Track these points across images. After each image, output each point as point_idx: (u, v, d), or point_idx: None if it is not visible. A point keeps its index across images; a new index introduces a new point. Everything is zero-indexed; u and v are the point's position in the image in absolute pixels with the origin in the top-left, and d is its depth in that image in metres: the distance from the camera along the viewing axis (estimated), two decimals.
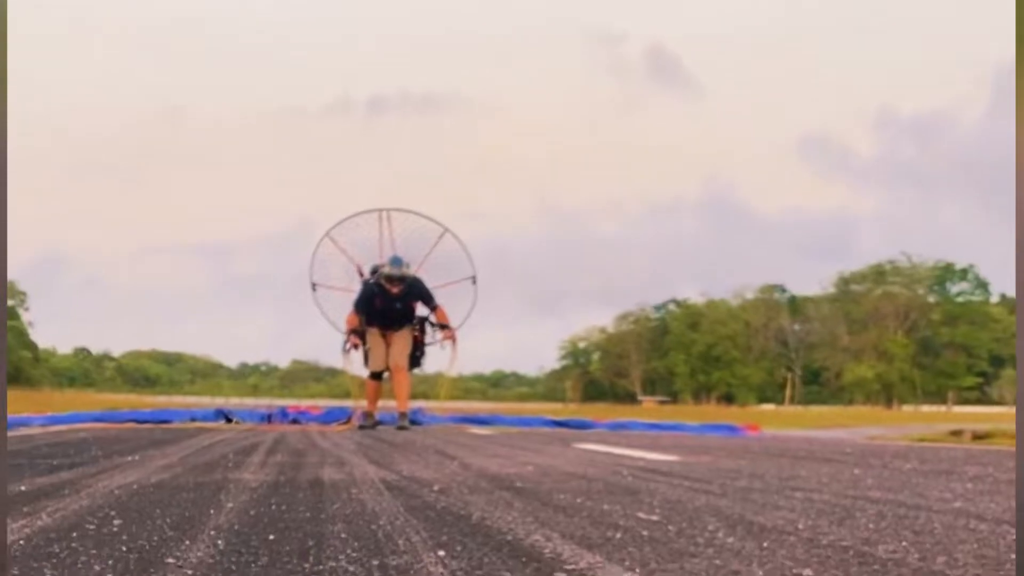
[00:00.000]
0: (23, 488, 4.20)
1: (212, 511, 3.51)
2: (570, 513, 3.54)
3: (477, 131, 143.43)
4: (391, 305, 14.12)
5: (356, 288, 14.78)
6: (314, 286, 15.78)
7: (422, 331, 14.49)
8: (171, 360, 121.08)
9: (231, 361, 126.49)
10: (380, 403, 14.81)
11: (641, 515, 3.50)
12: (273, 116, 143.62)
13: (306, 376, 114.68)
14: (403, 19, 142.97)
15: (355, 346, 14.18)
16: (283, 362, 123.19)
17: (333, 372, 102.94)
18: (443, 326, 14.46)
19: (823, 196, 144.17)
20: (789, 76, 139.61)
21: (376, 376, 14.43)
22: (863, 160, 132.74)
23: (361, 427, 13.51)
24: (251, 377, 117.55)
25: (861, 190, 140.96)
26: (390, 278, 13.98)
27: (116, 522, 3.20)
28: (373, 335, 14.23)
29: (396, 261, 14.22)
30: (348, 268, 15.38)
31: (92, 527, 3.08)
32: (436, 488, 4.44)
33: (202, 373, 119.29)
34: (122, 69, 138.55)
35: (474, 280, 15.60)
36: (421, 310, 14.47)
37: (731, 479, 5.09)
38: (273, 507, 3.64)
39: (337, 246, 15.62)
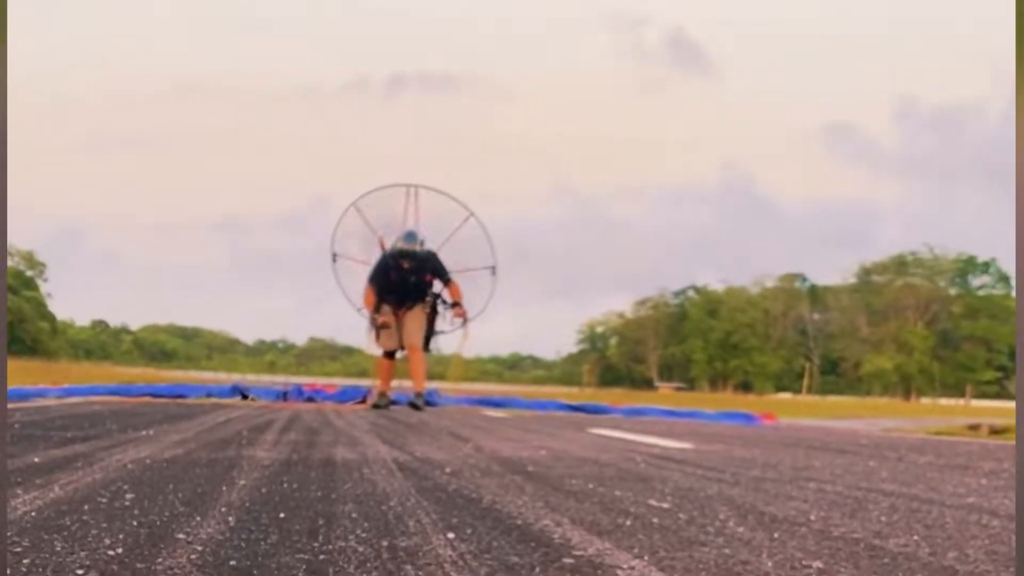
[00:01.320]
0: (36, 460, 4.22)
1: (224, 488, 3.52)
2: (581, 499, 3.54)
3: (495, 113, 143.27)
4: (405, 279, 13.99)
5: (375, 261, 14.68)
6: (335, 256, 15.72)
7: (434, 310, 14.29)
8: (188, 335, 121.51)
9: (248, 337, 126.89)
10: (394, 383, 14.78)
11: (652, 502, 3.49)
12: (289, 93, 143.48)
13: (322, 354, 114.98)
14: (423, 1, 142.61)
15: (384, 325, 14.02)
16: (300, 340, 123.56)
17: (349, 351, 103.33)
18: (455, 304, 14.28)
19: (844, 186, 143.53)
20: (811, 65, 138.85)
21: (389, 355, 14.36)
22: (885, 151, 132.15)
23: (375, 407, 13.50)
24: (268, 354, 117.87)
25: (882, 181, 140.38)
26: (403, 253, 13.87)
27: (128, 496, 3.21)
28: (386, 312, 14.13)
29: (411, 236, 14.11)
30: (370, 240, 15.29)
31: (104, 501, 3.09)
32: (448, 470, 4.44)
33: (219, 349, 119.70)
34: (142, 43, 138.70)
35: (494, 271, 15.48)
36: (436, 287, 14.34)
37: (744, 468, 5.08)
38: (285, 485, 3.65)
39: (362, 217, 15.54)
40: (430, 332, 14.37)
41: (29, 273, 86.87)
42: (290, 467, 4.35)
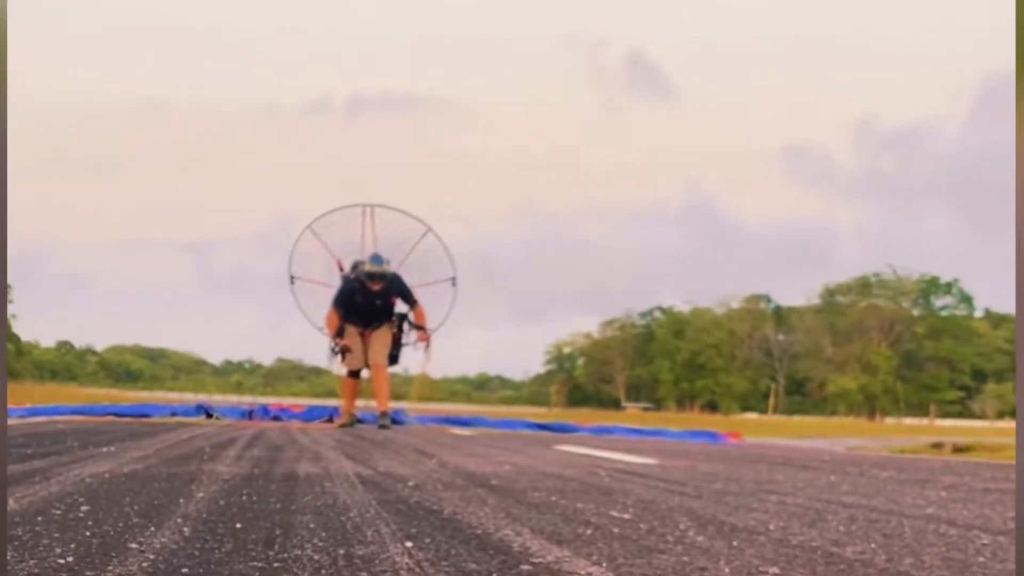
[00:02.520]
0: None
1: (182, 500, 3.49)
2: (543, 510, 3.53)
3: (457, 134, 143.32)
4: (371, 302, 14.04)
5: (335, 283, 14.71)
6: (292, 279, 15.67)
7: (400, 329, 14.37)
8: (154, 355, 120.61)
9: (215, 358, 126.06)
10: (360, 402, 14.75)
11: (614, 513, 3.48)
12: (253, 114, 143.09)
13: (290, 374, 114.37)
14: (383, 21, 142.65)
15: (346, 349, 14.06)
16: (267, 360, 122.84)
17: (317, 371, 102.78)
18: (419, 327, 14.35)
19: (805, 207, 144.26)
20: (771, 86, 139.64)
21: (354, 374, 14.37)
22: (845, 172, 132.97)
23: (340, 426, 13.46)
24: (235, 374, 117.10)
25: (843, 202, 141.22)
26: (371, 275, 13.91)
27: (83, 508, 3.18)
28: (351, 333, 14.15)
29: (377, 259, 14.13)
30: (328, 262, 15.29)
31: (58, 512, 3.06)
32: (411, 484, 4.42)
33: (185, 369, 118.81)
34: (106, 64, 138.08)
35: (454, 282, 15.54)
36: (400, 307, 14.40)
37: (707, 482, 5.09)
38: (244, 498, 3.62)
39: (319, 239, 15.53)
40: (396, 350, 14.40)
41: None
42: (251, 481, 4.32)
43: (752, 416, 78.07)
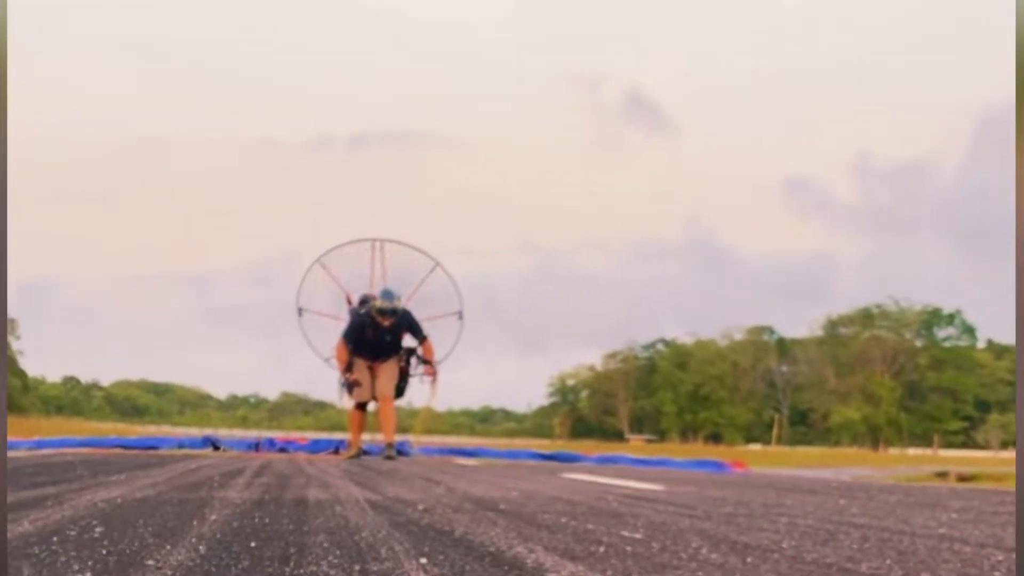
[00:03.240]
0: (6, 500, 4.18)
1: (195, 522, 3.50)
2: (554, 531, 3.53)
3: (458, 170, 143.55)
4: (381, 337, 14.08)
5: (344, 316, 14.75)
6: (300, 311, 15.71)
7: (408, 362, 14.41)
8: (160, 390, 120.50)
9: (220, 392, 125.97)
10: (366, 436, 14.75)
11: (625, 533, 3.49)
12: (254, 149, 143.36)
13: (295, 408, 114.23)
14: (384, 59, 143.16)
15: (355, 383, 14.07)
16: (272, 394, 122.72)
17: (322, 405, 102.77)
18: (426, 361, 14.38)
19: (806, 240, 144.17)
20: (769, 119, 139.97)
21: (361, 407, 14.38)
22: (845, 205, 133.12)
23: (348, 458, 13.45)
24: (240, 409, 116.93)
25: (844, 235, 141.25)
26: (382, 311, 13.93)
27: (98, 529, 3.19)
28: (359, 366, 14.18)
29: (388, 295, 14.15)
30: (337, 296, 15.34)
31: (73, 533, 3.07)
32: (420, 507, 4.42)
33: (191, 404, 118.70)
34: (107, 99, 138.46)
35: (461, 315, 15.57)
36: (408, 341, 14.43)
37: (716, 506, 5.08)
38: (256, 520, 3.63)
39: (328, 273, 15.57)
40: (403, 383, 14.43)
41: None
42: (262, 505, 4.32)
43: (756, 447, 77.87)
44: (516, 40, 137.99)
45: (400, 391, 14.45)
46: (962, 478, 13.92)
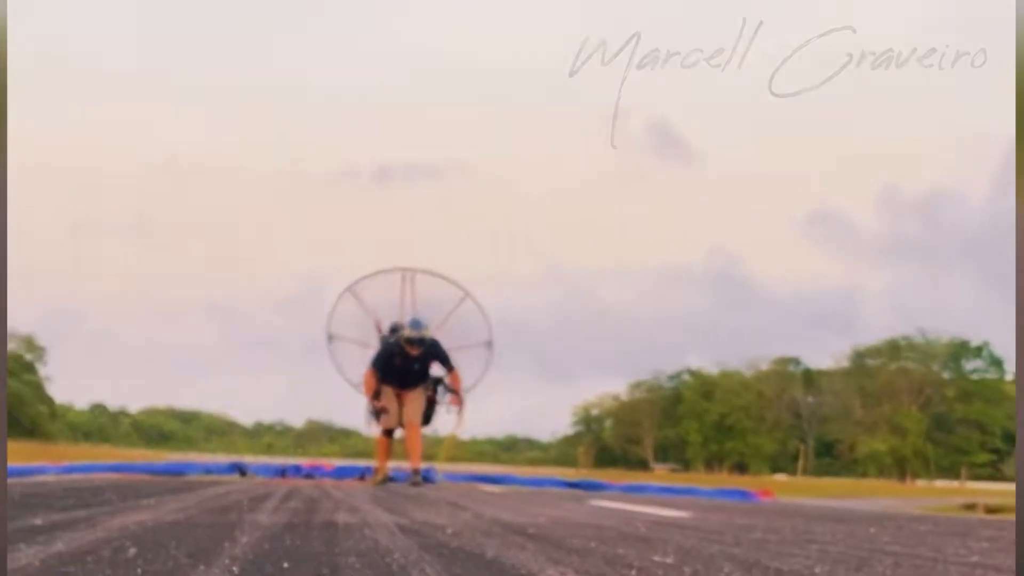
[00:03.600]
0: (38, 522, 4.21)
1: (227, 544, 3.52)
2: (584, 555, 3.54)
3: (481, 201, 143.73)
4: (409, 365, 14.11)
5: (373, 344, 14.80)
6: (330, 337, 15.77)
7: (435, 391, 14.44)
8: (187, 417, 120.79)
9: (246, 420, 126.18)
10: (391, 463, 14.76)
11: (656, 558, 3.49)
12: (280, 180, 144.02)
13: (321, 436, 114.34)
14: (404, 89, 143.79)
15: (383, 410, 14.09)
16: (298, 422, 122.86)
17: (347, 433, 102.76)
18: (453, 391, 14.41)
19: (830, 270, 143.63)
20: (794, 151, 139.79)
21: (388, 433, 14.41)
22: (871, 236, 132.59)
23: (375, 484, 13.47)
24: (266, 436, 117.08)
25: (870, 266, 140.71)
26: (410, 340, 13.97)
27: (131, 550, 3.21)
28: (387, 394, 14.22)
29: (416, 324, 14.18)
30: (366, 324, 15.40)
31: (107, 554, 3.09)
32: (449, 531, 4.43)
33: (217, 431, 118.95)
34: (134, 128, 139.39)
35: (489, 345, 15.61)
36: (436, 370, 14.45)
37: (745, 533, 5.07)
38: (287, 542, 3.64)
39: (358, 300, 15.64)
40: (430, 411, 14.44)
41: (28, 357, 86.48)
42: (292, 528, 4.34)
43: (782, 477, 77.45)
44: (539, 71, 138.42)
45: (427, 419, 14.48)
46: (990, 510, 13.81)
